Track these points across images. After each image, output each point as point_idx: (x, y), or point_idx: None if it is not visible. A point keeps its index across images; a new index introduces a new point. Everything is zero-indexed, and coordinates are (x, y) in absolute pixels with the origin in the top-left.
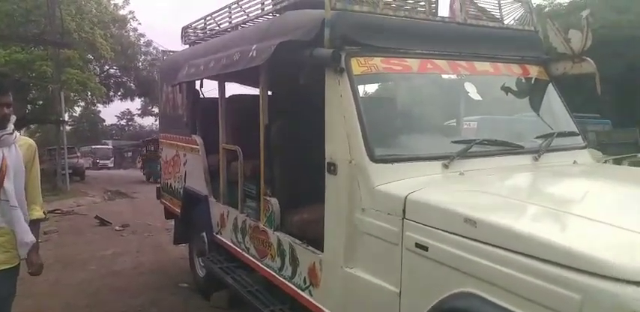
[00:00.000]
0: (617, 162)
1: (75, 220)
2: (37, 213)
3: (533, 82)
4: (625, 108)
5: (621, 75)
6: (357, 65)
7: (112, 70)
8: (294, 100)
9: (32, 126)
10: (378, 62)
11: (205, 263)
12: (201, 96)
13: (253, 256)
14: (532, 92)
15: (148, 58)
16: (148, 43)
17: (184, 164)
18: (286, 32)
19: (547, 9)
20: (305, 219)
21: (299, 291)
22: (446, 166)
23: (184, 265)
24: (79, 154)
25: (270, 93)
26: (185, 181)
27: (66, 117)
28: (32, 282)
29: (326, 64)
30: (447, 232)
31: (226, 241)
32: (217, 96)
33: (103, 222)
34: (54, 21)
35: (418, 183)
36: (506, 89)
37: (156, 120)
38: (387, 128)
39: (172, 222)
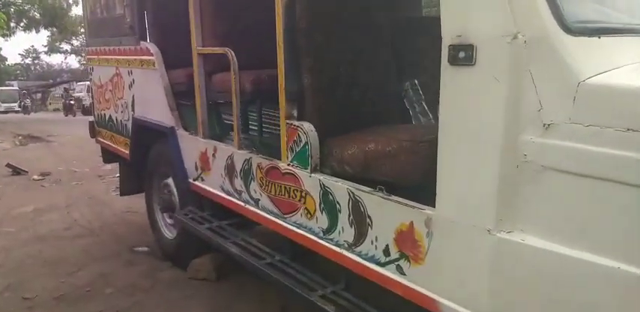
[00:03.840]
0: None
1: None
2: None
3: None
4: None
5: None
6: None
7: None
8: None
9: None
10: None
11: (181, 222)
12: None
13: (268, 212)
14: None
15: None
16: None
17: (130, 86)
18: None
19: None
20: (371, 152)
21: (373, 267)
22: None
23: (136, 222)
24: None
25: None
26: (134, 110)
27: None
28: None
29: None
30: None
31: (213, 191)
32: None
33: (16, 171)
34: None
35: None
36: None
37: (65, 58)
38: None
39: (107, 167)
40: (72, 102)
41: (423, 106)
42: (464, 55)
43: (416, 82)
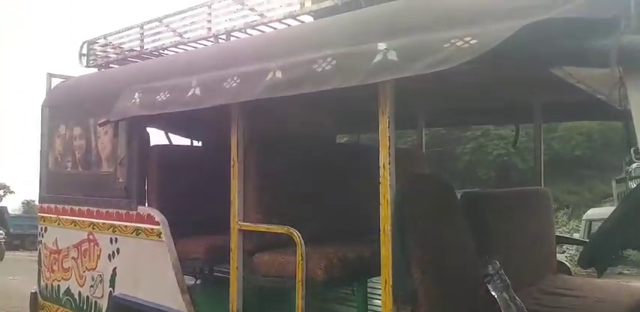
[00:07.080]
0: None
1: None
2: None
3: None
4: None
5: None
6: None
7: None
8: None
9: None
10: None
11: None
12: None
13: None
14: None
15: None
16: None
17: (111, 257)
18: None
19: None
20: None
21: None
22: None
23: None
24: None
25: None
26: (113, 286)
27: None
28: None
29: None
30: None
31: None
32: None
33: None
34: None
35: None
36: None
37: None
38: None
39: None
40: None
41: (511, 291)
42: None
43: (497, 264)
